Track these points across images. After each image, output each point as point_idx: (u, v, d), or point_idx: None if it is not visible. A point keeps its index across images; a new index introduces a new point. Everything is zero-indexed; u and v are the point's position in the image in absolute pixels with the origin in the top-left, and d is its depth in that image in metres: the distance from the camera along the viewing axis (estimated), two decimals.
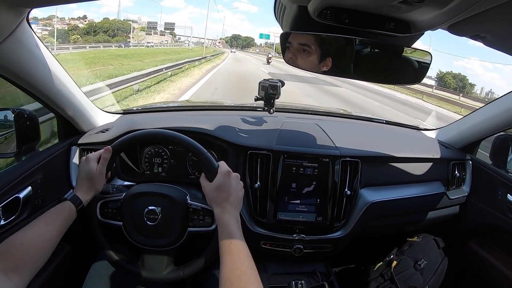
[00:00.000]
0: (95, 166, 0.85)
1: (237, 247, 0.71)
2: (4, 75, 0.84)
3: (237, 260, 0.69)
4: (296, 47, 0.77)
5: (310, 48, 0.76)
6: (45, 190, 1.04)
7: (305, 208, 1.20)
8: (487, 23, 0.55)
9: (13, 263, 0.64)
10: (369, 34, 0.70)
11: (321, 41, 0.75)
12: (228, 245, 0.72)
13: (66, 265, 1.12)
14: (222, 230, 0.75)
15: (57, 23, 68.38)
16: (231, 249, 0.71)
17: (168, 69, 11.55)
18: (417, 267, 1.34)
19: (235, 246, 0.71)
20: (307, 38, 0.76)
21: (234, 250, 0.71)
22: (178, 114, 1.67)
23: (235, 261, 0.68)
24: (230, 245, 0.72)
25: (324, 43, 0.75)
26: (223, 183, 0.80)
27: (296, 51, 0.78)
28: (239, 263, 0.68)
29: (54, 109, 1.09)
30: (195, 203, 0.91)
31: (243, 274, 0.66)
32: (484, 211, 1.38)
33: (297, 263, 1.29)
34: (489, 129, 1.36)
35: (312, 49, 0.76)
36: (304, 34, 0.76)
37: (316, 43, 0.75)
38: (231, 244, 0.72)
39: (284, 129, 1.33)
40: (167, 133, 0.88)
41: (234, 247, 0.71)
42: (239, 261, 0.69)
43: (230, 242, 0.72)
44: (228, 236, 0.73)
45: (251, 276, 0.66)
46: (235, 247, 0.71)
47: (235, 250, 0.71)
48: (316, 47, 0.75)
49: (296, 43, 0.77)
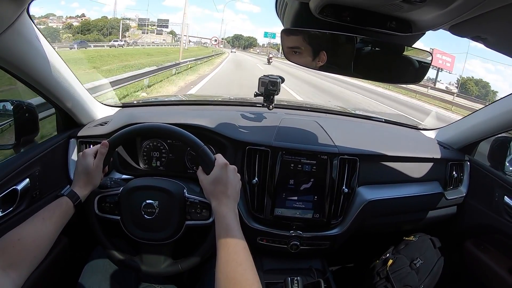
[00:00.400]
0: (92, 161, 0.84)
1: (234, 239, 0.71)
2: (4, 66, 0.84)
3: (233, 253, 0.68)
4: (287, 51, 0.77)
5: (299, 49, 0.76)
6: (43, 182, 1.04)
7: (302, 205, 1.21)
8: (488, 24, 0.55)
9: (11, 259, 0.64)
10: (370, 32, 0.70)
11: (309, 38, 0.75)
12: (225, 237, 0.71)
13: (63, 258, 1.12)
14: (219, 223, 0.75)
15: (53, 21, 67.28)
16: (228, 242, 0.71)
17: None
18: (413, 266, 1.35)
19: (231, 238, 0.71)
20: (295, 40, 0.76)
21: (230, 242, 0.70)
22: (178, 108, 1.66)
23: (230, 253, 0.68)
24: (226, 238, 0.71)
25: (313, 39, 0.75)
26: (220, 175, 0.79)
27: (288, 54, 0.78)
28: (235, 255, 0.68)
29: (53, 101, 1.08)
30: (192, 196, 0.92)
31: (239, 266, 0.66)
32: (481, 212, 1.38)
33: (294, 259, 1.30)
34: (488, 130, 1.36)
35: (302, 49, 0.76)
36: (291, 36, 0.76)
37: (305, 42, 0.75)
38: (227, 236, 0.71)
39: (283, 126, 1.33)
40: (164, 127, 0.88)
41: (231, 239, 0.71)
42: (235, 253, 0.68)
43: (226, 234, 0.72)
44: (225, 229, 0.73)
45: (247, 268, 0.66)
46: (232, 239, 0.71)
47: (232, 242, 0.70)
48: (305, 46, 0.75)
49: (285, 47, 0.77)
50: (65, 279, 1.13)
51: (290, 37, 0.77)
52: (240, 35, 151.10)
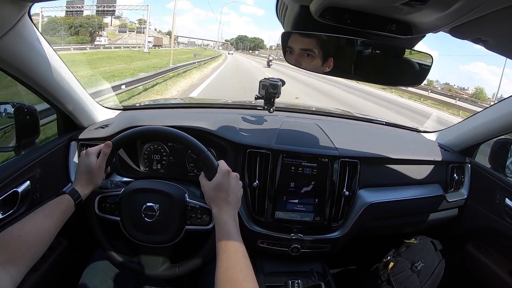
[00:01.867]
0: (95, 160, 0.85)
1: (234, 246, 0.71)
2: (5, 69, 0.84)
3: (234, 259, 0.69)
4: (299, 52, 0.77)
5: (313, 52, 0.76)
6: (43, 185, 1.04)
7: (303, 208, 1.20)
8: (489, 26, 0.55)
9: (10, 254, 0.64)
10: (371, 35, 0.70)
11: (322, 43, 0.75)
12: (225, 244, 0.72)
13: (63, 260, 1.12)
14: (219, 229, 0.76)
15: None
16: (228, 248, 0.71)
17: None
18: (414, 269, 1.34)
19: (232, 245, 0.72)
20: (309, 42, 0.75)
21: (230, 249, 0.71)
22: (179, 111, 1.67)
23: (231, 260, 0.68)
24: (227, 244, 0.72)
25: (325, 44, 0.75)
26: (222, 182, 0.80)
27: (299, 56, 0.77)
28: (235, 261, 0.68)
29: (54, 104, 1.09)
30: (193, 201, 0.92)
31: (239, 272, 0.66)
32: (482, 214, 1.38)
33: (294, 262, 1.29)
34: (489, 132, 1.36)
35: (315, 53, 0.75)
36: (305, 38, 0.76)
37: (318, 46, 0.75)
38: (228, 243, 0.72)
39: (283, 129, 1.33)
40: (168, 130, 0.88)
41: (231, 246, 0.71)
42: (236, 260, 0.69)
43: (227, 241, 0.72)
44: (225, 235, 0.73)
45: (247, 275, 0.66)
46: (232, 246, 0.71)
47: (232, 249, 0.71)
48: (318, 50, 0.75)
49: (298, 48, 0.76)
50: (65, 281, 1.12)
51: (304, 40, 0.76)
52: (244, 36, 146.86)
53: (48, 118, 1.87)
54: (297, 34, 0.76)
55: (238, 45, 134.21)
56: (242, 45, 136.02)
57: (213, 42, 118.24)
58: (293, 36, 0.76)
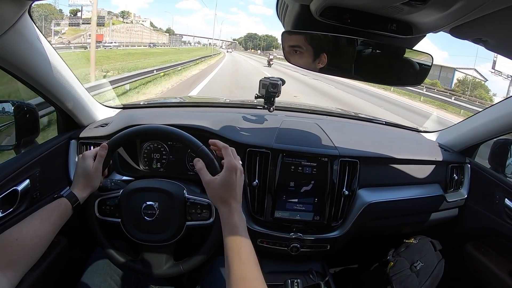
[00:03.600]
0: (91, 163, 0.84)
1: (247, 255, 0.69)
2: (5, 67, 0.84)
3: (248, 270, 0.66)
4: (288, 50, 0.76)
5: (301, 49, 0.75)
6: (43, 183, 1.04)
7: (302, 207, 1.20)
8: (489, 26, 0.55)
9: (8, 258, 0.64)
10: (371, 34, 0.70)
11: (311, 39, 0.74)
12: (238, 251, 0.69)
13: (62, 259, 1.12)
14: (230, 232, 0.72)
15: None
16: (241, 257, 0.68)
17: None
18: (413, 269, 1.34)
19: (245, 253, 0.69)
20: (295, 39, 0.75)
21: (243, 257, 0.68)
22: (178, 110, 1.66)
23: (245, 270, 0.66)
24: (240, 251, 0.69)
25: (314, 40, 0.74)
26: (229, 179, 0.75)
27: (288, 54, 0.77)
28: (249, 272, 0.66)
29: (54, 102, 1.09)
30: (192, 197, 0.92)
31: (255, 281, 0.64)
32: (482, 214, 1.38)
33: (294, 261, 1.29)
34: (488, 132, 1.36)
35: (303, 49, 0.75)
36: (293, 36, 0.75)
37: (306, 42, 0.74)
38: (241, 250, 0.69)
39: (283, 128, 1.33)
40: (164, 128, 0.88)
41: (244, 254, 0.68)
42: (250, 270, 0.66)
43: (240, 248, 0.69)
44: (237, 241, 0.70)
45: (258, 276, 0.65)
46: (245, 254, 0.68)
47: (245, 258, 0.68)
48: (307, 46, 0.74)
49: (286, 45, 0.76)
50: (65, 280, 1.12)
51: (292, 37, 0.76)
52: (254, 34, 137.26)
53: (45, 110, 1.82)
54: (284, 35, 0.75)
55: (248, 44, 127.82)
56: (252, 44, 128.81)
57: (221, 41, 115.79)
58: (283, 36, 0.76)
